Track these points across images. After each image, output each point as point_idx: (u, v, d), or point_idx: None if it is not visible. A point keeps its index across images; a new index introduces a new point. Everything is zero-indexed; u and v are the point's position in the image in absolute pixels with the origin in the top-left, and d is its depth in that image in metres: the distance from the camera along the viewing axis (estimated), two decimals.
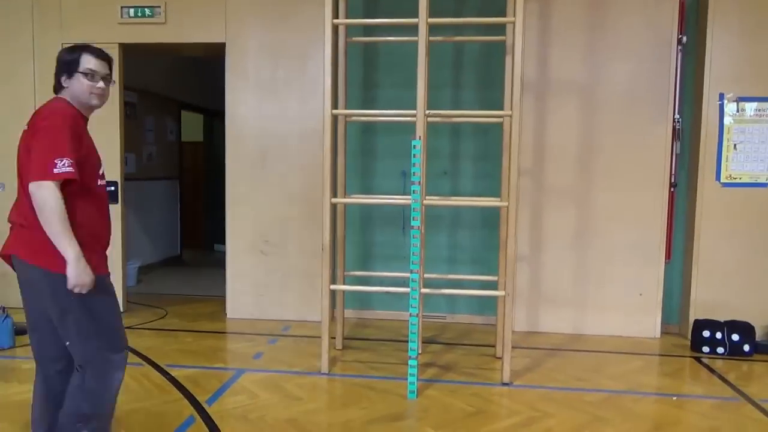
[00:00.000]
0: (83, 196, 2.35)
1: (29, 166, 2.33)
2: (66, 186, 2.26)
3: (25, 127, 2.45)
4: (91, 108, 2.47)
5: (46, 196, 2.22)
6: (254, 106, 5.07)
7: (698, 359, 4.35)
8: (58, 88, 2.47)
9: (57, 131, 2.30)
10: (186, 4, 5.03)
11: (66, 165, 2.23)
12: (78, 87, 2.40)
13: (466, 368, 4.01)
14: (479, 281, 4.64)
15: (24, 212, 2.38)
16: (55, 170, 2.22)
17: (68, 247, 2.23)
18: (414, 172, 3.47)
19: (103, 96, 2.44)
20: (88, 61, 2.41)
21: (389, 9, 4.92)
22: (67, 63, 2.43)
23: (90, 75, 2.39)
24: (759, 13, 4.56)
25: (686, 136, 4.80)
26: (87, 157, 2.37)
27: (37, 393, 2.55)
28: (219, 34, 5.04)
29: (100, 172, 2.49)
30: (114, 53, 5.12)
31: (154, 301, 5.73)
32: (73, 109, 2.41)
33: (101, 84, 2.42)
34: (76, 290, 2.27)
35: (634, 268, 4.77)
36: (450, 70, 4.97)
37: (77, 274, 2.24)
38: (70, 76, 2.41)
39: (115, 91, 5.15)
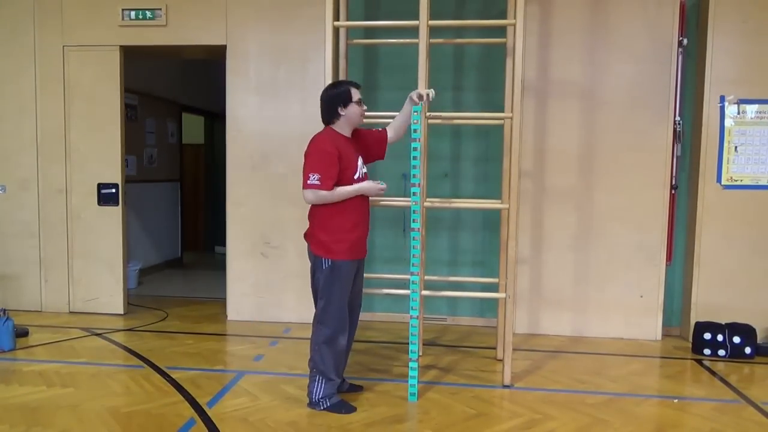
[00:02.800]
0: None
1: None
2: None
3: None
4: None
5: None
6: (255, 108, 5.08)
7: (699, 361, 4.34)
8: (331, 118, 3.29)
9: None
10: (187, 7, 5.04)
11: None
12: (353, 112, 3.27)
13: (467, 370, 4.01)
14: (480, 283, 4.65)
15: None
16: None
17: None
18: (414, 174, 3.47)
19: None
20: (355, 93, 3.27)
21: (390, 11, 4.93)
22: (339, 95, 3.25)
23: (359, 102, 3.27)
24: (760, 15, 4.56)
25: (687, 138, 4.80)
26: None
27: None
28: (220, 37, 5.05)
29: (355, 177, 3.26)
30: (115, 56, 5.15)
31: (154, 304, 5.73)
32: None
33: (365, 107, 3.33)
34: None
35: (635, 271, 4.76)
36: (451, 72, 4.97)
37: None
38: (345, 105, 3.25)
39: (115, 93, 5.17)
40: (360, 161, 3.33)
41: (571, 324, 4.86)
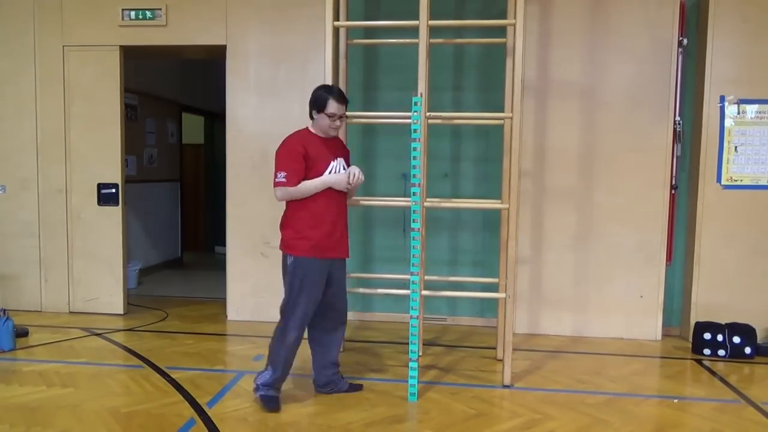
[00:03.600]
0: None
1: None
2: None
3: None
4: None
5: None
6: (255, 108, 5.08)
7: (699, 361, 4.34)
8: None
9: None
10: (187, 7, 5.04)
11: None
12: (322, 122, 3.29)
13: (467, 370, 4.01)
14: (480, 283, 4.65)
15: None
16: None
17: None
18: (414, 174, 3.47)
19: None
20: (332, 105, 3.24)
21: (390, 11, 4.93)
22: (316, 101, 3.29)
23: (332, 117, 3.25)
24: (760, 15, 4.56)
25: (687, 138, 4.80)
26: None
27: None
28: (220, 37, 5.05)
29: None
30: (115, 56, 5.15)
31: (154, 304, 5.73)
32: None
33: (338, 123, 3.31)
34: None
35: (635, 270, 4.76)
36: (451, 72, 4.97)
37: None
38: (318, 112, 3.28)
39: (115, 93, 5.17)
40: (338, 162, 3.35)
41: (571, 324, 4.86)
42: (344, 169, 3.37)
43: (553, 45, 4.75)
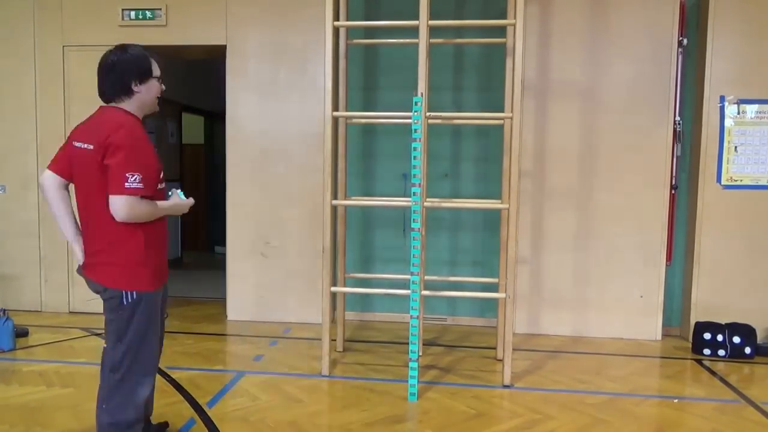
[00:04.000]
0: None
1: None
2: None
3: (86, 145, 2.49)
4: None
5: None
6: (255, 108, 5.08)
7: (699, 361, 4.34)
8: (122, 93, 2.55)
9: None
10: (187, 7, 5.04)
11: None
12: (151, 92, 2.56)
13: (467, 370, 4.01)
14: (480, 283, 4.65)
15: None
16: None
17: None
18: (414, 174, 3.47)
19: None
20: (156, 67, 2.58)
21: (390, 11, 4.93)
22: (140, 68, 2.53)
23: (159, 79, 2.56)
24: (760, 16, 4.56)
25: (687, 138, 4.80)
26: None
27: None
28: (220, 37, 5.05)
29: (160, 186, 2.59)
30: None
31: None
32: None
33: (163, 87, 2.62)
34: None
35: (635, 270, 4.76)
36: (451, 72, 4.97)
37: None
38: (141, 81, 2.54)
39: None
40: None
41: (571, 324, 4.86)
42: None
43: (553, 45, 4.75)
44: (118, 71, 2.53)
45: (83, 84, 5.17)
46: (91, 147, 2.44)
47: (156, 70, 2.58)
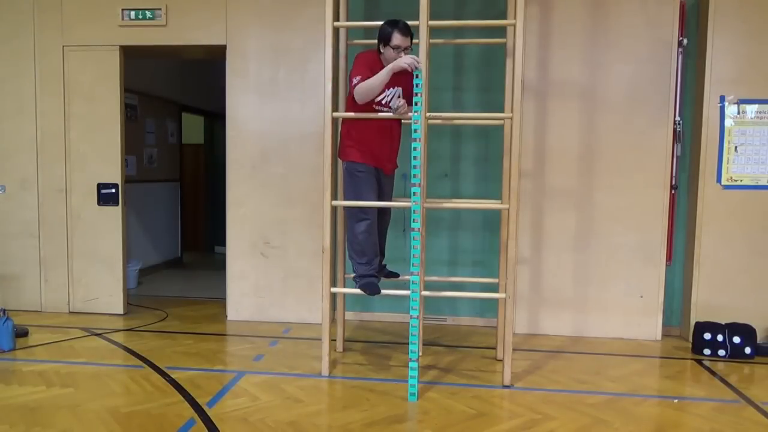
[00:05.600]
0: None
1: None
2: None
3: None
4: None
5: None
6: (255, 108, 5.08)
7: (699, 362, 4.34)
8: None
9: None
10: (187, 7, 5.04)
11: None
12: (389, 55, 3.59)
13: (467, 370, 4.01)
14: (480, 283, 4.64)
15: None
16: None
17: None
18: (414, 174, 3.47)
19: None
20: (396, 38, 3.56)
21: (390, 11, 4.92)
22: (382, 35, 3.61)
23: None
24: (760, 15, 4.56)
25: (687, 138, 4.80)
26: None
27: None
28: (220, 37, 5.05)
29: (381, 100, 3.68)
30: (115, 56, 5.15)
31: (154, 304, 5.73)
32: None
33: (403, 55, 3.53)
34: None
35: (635, 270, 4.76)
36: (451, 72, 4.97)
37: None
38: (384, 45, 3.61)
39: (115, 93, 5.17)
40: (395, 90, 3.70)
41: (571, 324, 4.86)
42: (399, 97, 3.70)
43: (553, 45, 4.75)
44: None
45: (83, 84, 5.18)
46: None
47: (395, 41, 3.65)
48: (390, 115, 3.72)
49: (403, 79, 3.69)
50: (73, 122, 5.21)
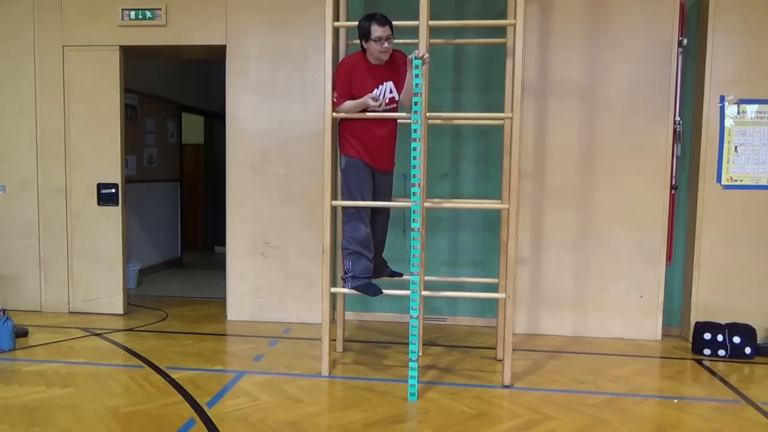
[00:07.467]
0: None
1: None
2: None
3: None
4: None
5: None
6: (255, 108, 5.08)
7: (699, 362, 4.34)
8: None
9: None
10: (186, 7, 5.04)
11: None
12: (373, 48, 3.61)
13: (467, 370, 4.01)
14: (480, 284, 4.64)
15: None
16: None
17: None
18: (414, 174, 3.47)
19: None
20: (376, 30, 3.56)
21: (390, 11, 4.90)
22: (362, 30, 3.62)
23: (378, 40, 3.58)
24: (759, 15, 4.56)
25: (687, 138, 4.80)
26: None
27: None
28: (220, 37, 5.05)
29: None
30: (114, 55, 5.15)
31: (154, 304, 5.73)
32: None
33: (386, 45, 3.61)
34: None
35: (635, 271, 4.76)
36: (451, 72, 4.97)
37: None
38: (366, 40, 3.61)
39: (115, 93, 5.17)
40: (386, 85, 3.71)
41: (571, 324, 4.86)
42: (392, 91, 3.72)
43: (553, 45, 4.75)
44: None
45: (83, 84, 5.18)
46: None
47: (375, 33, 3.63)
48: (390, 115, 3.73)
49: (392, 72, 3.72)
50: (73, 122, 5.21)
